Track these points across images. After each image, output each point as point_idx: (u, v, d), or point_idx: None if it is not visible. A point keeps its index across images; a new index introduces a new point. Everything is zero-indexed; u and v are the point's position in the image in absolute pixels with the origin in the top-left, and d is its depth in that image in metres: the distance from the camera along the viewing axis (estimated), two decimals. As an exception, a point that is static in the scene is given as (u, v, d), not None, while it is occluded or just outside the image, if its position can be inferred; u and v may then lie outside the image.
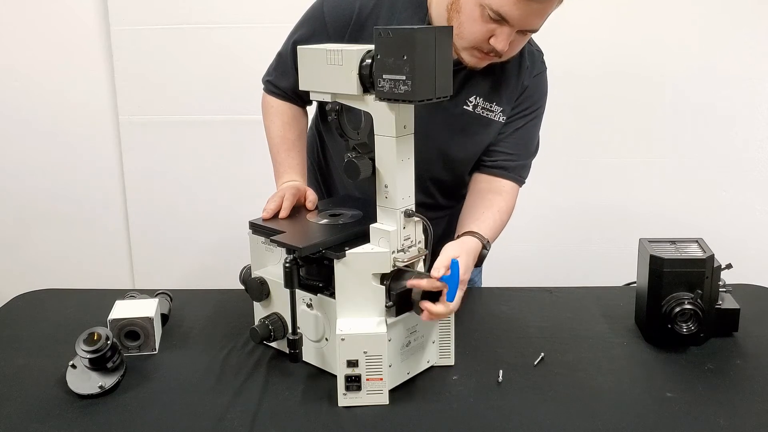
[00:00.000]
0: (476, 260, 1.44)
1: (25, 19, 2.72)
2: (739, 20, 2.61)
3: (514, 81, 1.56)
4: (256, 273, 1.47)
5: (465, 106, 1.55)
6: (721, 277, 1.54)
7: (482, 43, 1.41)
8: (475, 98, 1.54)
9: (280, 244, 1.35)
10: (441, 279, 1.27)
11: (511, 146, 1.60)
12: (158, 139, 2.80)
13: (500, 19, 1.36)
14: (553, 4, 1.38)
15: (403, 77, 1.17)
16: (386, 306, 1.30)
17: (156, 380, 1.40)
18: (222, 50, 2.69)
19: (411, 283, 1.29)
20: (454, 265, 1.26)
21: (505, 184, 1.60)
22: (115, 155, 2.84)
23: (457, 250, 1.36)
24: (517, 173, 1.61)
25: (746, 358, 1.48)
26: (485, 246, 1.46)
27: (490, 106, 1.55)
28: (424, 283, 1.28)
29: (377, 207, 1.32)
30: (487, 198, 1.56)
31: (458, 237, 1.47)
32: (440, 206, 1.71)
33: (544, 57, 1.63)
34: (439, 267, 1.28)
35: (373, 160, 1.30)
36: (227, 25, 2.67)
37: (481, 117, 1.56)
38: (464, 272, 1.34)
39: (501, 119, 1.57)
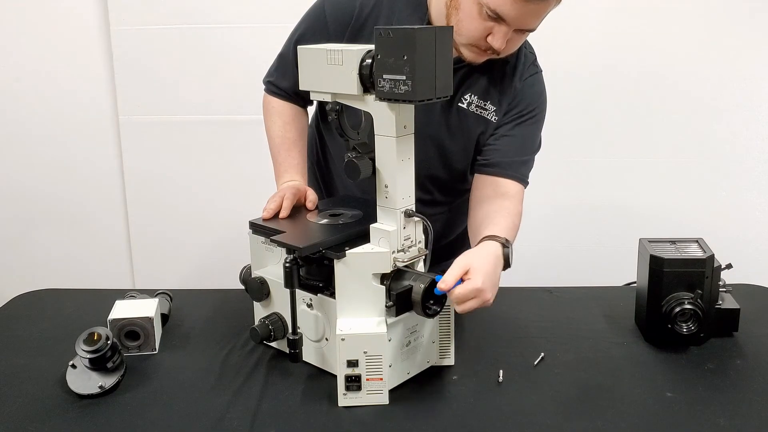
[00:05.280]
0: (500, 261, 1.37)
1: (25, 19, 2.72)
2: (739, 20, 2.61)
3: (508, 82, 1.56)
4: (256, 273, 1.47)
5: (460, 104, 1.55)
6: (721, 277, 1.54)
7: (480, 40, 1.42)
8: (470, 96, 1.55)
9: (280, 244, 1.35)
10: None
11: (506, 144, 1.57)
12: (158, 139, 2.80)
13: (497, 17, 1.37)
14: (550, 4, 1.38)
15: (404, 77, 1.17)
16: (386, 306, 1.30)
17: (156, 380, 1.40)
18: (222, 50, 2.69)
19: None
20: None
21: (510, 187, 1.56)
22: (115, 155, 2.84)
23: (468, 259, 1.30)
24: (516, 170, 1.57)
25: (746, 358, 1.48)
26: (504, 245, 1.39)
27: (484, 105, 1.56)
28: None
29: (377, 207, 1.32)
30: (496, 202, 1.53)
31: (476, 245, 1.42)
32: (438, 202, 1.71)
33: (544, 58, 1.62)
34: (447, 280, 1.26)
35: (373, 160, 1.30)
36: (227, 25, 2.67)
37: (475, 115, 1.56)
38: (483, 280, 1.26)
39: (494, 119, 1.57)
